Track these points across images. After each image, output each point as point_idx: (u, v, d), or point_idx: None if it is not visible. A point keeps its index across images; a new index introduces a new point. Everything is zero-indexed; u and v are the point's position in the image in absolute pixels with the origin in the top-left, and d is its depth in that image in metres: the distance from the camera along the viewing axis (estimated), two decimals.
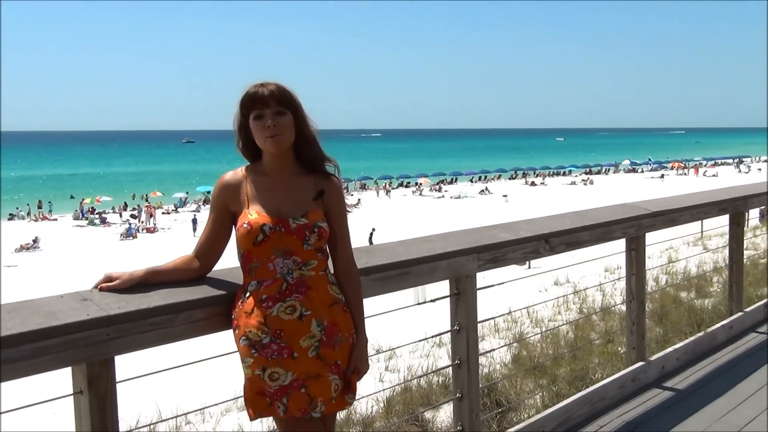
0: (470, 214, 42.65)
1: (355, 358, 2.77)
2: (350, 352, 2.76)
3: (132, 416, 7.11)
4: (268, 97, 2.68)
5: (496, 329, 9.58)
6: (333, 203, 2.81)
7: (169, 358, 3.27)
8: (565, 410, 4.47)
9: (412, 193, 66.49)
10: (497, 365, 7.03)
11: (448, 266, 3.62)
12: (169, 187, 68.32)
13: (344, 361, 2.73)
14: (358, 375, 2.78)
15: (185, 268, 2.75)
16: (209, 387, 8.63)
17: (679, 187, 48.35)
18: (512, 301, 9.42)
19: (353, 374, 2.76)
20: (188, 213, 51.73)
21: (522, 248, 4.12)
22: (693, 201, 5.90)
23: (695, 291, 9.09)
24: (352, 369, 2.75)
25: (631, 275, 5.09)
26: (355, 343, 2.79)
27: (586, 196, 53.53)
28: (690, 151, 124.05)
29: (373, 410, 5.94)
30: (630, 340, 5.15)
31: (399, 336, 8.05)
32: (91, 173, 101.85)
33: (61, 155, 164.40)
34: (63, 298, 2.42)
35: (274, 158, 2.75)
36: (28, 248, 39.00)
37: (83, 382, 2.37)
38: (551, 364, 6.34)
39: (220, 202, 2.77)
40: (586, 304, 10.45)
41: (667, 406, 4.80)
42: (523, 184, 74.42)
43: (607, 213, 5.01)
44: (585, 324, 8.24)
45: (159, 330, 2.50)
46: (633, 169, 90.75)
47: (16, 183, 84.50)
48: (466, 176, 79.90)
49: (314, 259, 2.70)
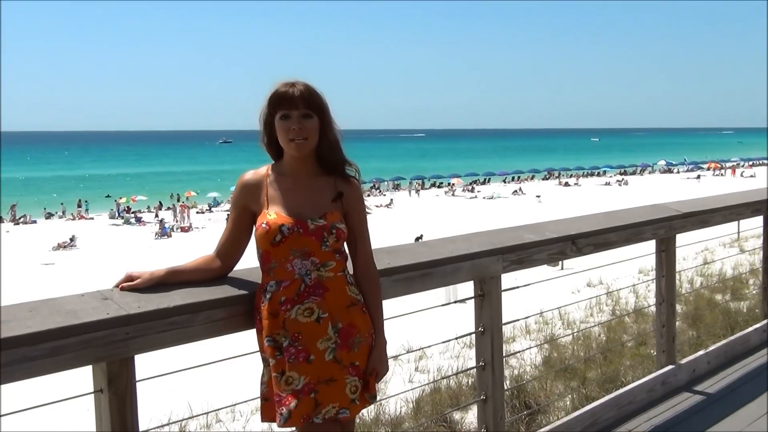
0: (502, 215, 42.44)
1: (374, 360, 2.75)
2: (368, 354, 2.74)
3: (164, 414, 7.18)
4: (298, 98, 2.68)
5: (527, 330, 9.52)
6: (352, 205, 2.80)
7: (196, 356, 3.29)
8: (593, 413, 4.42)
9: (445, 193, 66.33)
10: (527, 367, 6.99)
11: (472, 267, 3.59)
12: (204, 186, 68.90)
13: (363, 361, 2.71)
14: (376, 377, 2.76)
15: (206, 267, 2.76)
16: (243, 385, 8.69)
17: (715, 188, 47.71)
18: (544, 302, 9.34)
19: (371, 376, 2.74)
20: (222, 212, 52.11)
21: (548, 249, 4.08)
22: (725, 202, 5.80)
23: (730, 293, 8.95)
24: (370, 371, 2.74)
25: (661, 277, 5.02)
26: (374, 344, 2.78)
27: (620, 196, 52.98)
28: (730, 151, 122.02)
29: (402, 411, 5.93)
30: (660, 343, 5.08)
31: (430, 336, 8.04)
32: (129, 173, 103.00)
33: (99, 156, 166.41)
34: (84, 297, 2.44)
35: (296, 159, 2.76)
36: (65, 246, 39.53)
37: (103, 380, 2.38)
38: (582, 366, 6.28)
39: (240, 202, 2.78)
40: (619, 305, 10.34)
41: (696, 410, 4.72)
42: (557, 184, 73.87)
43: (637, 214, 4.94)
44: (617, 326, 8.16)
45: (178, 330, 2.51)
46: (668, 170, 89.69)
47: (53, 182, 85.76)
48: (499, 176, 79.52)
49: (332, 260, 2.70)
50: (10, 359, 2.13)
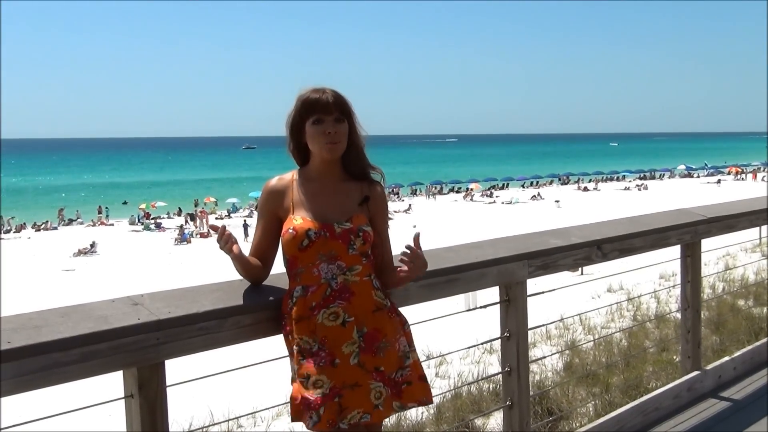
0: (521, 220, 42.30)
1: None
2: (395, 358, 2.73)
3: (185, 419, 7.20)
4: (332, 104, 2.72)
5: (547, 336, 9.46)
6: (377, 210, 2.83)
7: (219, 362, 3.30)
8: (618, 419, 4.39)
9: (463, 198, 66.23)
10: (549, 372, 6.95)
11: (498, 273, 3.58)
12: (225, 193, 69.20)
13: (388, 367, 2.70)
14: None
15: (257, 269, 2.79)
16: (261, 391, 8.69)
17: (736, 193, 47.35)
18: (564, 307, 9.27)
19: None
20: (240, 218, 52.30)
21: (574, 255, 4.06)
22: (751, 206, 5.75)
23: (753, 299, 8.86)
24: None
25: (687, 282, 4.98)
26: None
27: (640, 201, 52.67)
28: (755, 156, 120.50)
29: (423, 416, 5.91)
30: (685, 349, 5.04)
31: (450, 342, 8.00)
32: (153, 180, 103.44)
33: (122, 162, 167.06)
34: (114, 303, 2.46)
35: (324, 164, 2.78)
36: (86, 253, 39.78)
37: (134, 386, 2.40)
38: (604, 372, 6.24)
39: (267, 209, 2.79)
40: (640, 311, 10.26)
41: (723, 417, 4.68)
42: (576, 189, 73.55)
43: (662, 219, 4.90)
44: (639, 332, 8.10)
45: (207, 335, 2.52)
46: (689, 174, 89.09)
47: (76, 190, 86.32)
48: (517, 181, 79.35)
49: (359, 264, 2.71)
50: (43, 364, 2.15)
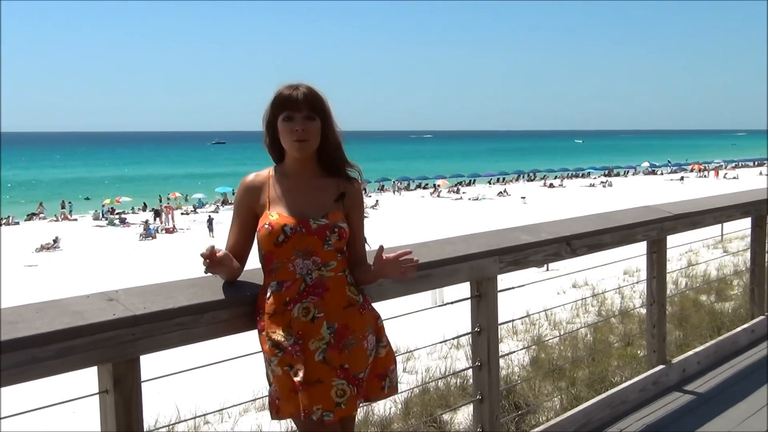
0: (489, 217, 42.54)
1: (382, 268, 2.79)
2: (362, 356, 2.72)
3: (151, 416, 7.14)
4: (301, 101, 2.72)
5: (514, 331, 9.54)
6: (353, 206, 2.84)
7: (188, 358, 3.29)
8: (586, 413, 4.45)
9: (430, 194, 66.37)
10: (515, 368, 7.01)
11: (470, 268, 3.62)
12: (192, 188, 68.59)
13: (353, 366, 2.69)
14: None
15: (237, 269, 2.79)
16: (228, 387, 8.66)
17: (699, 190, 48.03)
18: (530, 303, 9.37)
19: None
20: (206, 214, 51.93)
21: (544, 250, 4.12)
22: (715, 203, 5.86)
23: (715, 294, 9.02)
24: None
25: (652, 278, 5.06)
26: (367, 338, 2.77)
27: (605, 198, 53.23)
28: (722, 153, 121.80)
29: (390, 411, 5.93)
30: (651, 344, 5.12)
31: (417, 338, 8.03)
32: (119, 175, 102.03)
33: (87, 157, 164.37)
34: (89, 298, 2.44)
35: (298, 161, 2.78)
36: (49, 248, 39.26)
37: (109, 381, 2.39)
38: (570, 367, 6.32)
39: (244, 205, 2.79)
40: (605, 306, 10.39)
41: (688, 410, 4.78)
42: (542, 185, 74.10)
43: (629, 215, 4.98)
44: (604, 327, 8.20)
45: (184, 330, 2.52)
46: (652, 171, 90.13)
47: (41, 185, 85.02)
48: (484, 178, 79.65)
49: (334, 260, 2.72)
50: (21, 360, 2.14)
